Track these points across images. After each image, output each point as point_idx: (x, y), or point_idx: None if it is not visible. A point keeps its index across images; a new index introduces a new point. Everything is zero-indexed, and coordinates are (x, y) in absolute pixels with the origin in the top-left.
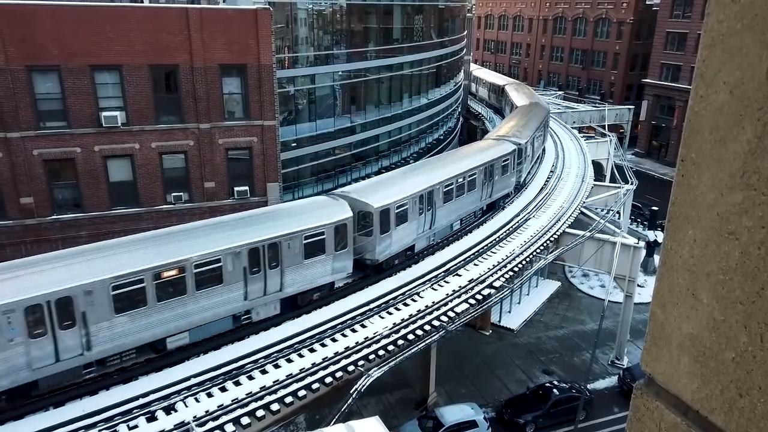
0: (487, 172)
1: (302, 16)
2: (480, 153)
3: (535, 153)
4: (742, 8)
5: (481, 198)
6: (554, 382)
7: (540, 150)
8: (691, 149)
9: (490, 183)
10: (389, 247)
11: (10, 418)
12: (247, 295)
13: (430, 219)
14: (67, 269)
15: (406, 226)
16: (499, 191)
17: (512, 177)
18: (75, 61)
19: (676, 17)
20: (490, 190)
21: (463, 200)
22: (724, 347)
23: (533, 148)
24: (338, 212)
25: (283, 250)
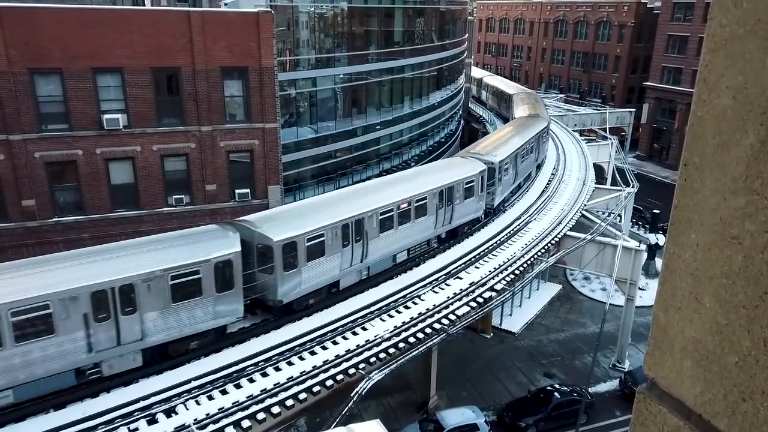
0: (443, 196)
1: (303, 19)
2: (438, 173)
3: (518, 173)
4: (744, 13)
5: (435, 225)
6: (555, 386)
7: (530, 168)
8: (694, 153)
9: (449, 208)
10: (298, 286)
11: (12, 420)
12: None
13: (361, 251)
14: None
15: (323, 261)
16: (461, 217)
17: (480, 201)
18: (77, 63)
19: (677, 20)
20: (449, 216)
21: (408, 229)
22: (727, 351)
23: (514, 167)
24: (221, 246)
25: (140, 293)
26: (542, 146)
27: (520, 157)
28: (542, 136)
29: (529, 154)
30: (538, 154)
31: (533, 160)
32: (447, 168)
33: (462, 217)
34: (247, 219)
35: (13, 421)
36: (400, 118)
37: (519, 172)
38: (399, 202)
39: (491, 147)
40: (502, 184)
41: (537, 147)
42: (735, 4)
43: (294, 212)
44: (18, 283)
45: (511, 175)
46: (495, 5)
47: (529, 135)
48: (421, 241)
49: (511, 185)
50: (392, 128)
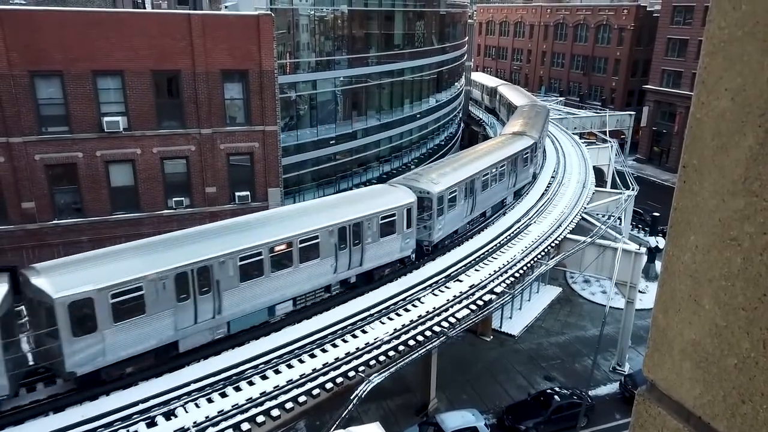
0: (346, 234)
1: (304, 22)
2: (354, 203)
3: (478, 202)
4: (743, 15)
5: (335, 269)
6: (555, 389)
7: (501, 195)
8: (693, 155)
9: (357, 248)
10: (101, 355)
11: (11, 422)
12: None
13: (212, 305)
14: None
15: (144, 320)
16: (376, 259)
17: (406, 239)
18: (78, 66)
19: (676, 24)
20: (359, 257)
21: (289, 276)
22: (727, 353)
23: (469, 195)
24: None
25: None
26: (522, 169)
27: (482, 183)
28: (522, 157)
29: (498, 179)
30: (516, 178)
31: (506, 186)
32: (368, 197)
33: (378, 259)
34: (34, 267)
35: (13, 423)
36: (400, 120)
37: (479, 201)
38: (272, 243)
39: (438, 171)
40: (445, 218)
41: (513, 171)
42: (734, 6)
43: (100, 258)
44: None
45: (463, 207)
46: (495, 8)
47: (500, 157)
48: (313, 289)
49: (463, 218)
50: (392, 131)
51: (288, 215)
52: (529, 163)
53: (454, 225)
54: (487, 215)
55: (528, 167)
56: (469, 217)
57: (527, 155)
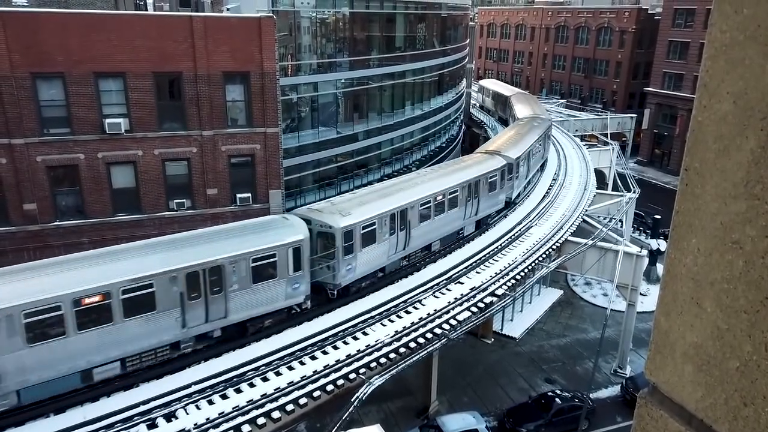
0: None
1: (305, 24)
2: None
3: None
4: (745, 19)
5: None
6: (556, 391)
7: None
8: (695, 158)
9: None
10: None
11: (11, 424)
12: None
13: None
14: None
15: None
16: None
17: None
18: (79, 68)
19: (678, 26)
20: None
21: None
22: (729, 356)
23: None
24: None
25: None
26: (488, 195)
27: (422, 213)
28: (488, 181)
29: (449, 208)
30: (477, 206)
31: (462, 216)
32: (244, 232)
33: (251, 308)
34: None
35: (14, 425)
36: (402, 123)
37: (416, 235)
38: (81, 294)
39: (359, 200)
40: (358, 256)
41: (472, 197)
42: (735, 10)
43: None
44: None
45: (388, 242)
46: (496, 11)
47: (452, 182)
48: (151, 347)
49: (389, 255)
50: (393, 133)
51: (113, 255)
52: (498, 188)
53: (376, 263)
54: (433, 249)
55: (497, 192)
56: (401, 253)
57: (495, 178)
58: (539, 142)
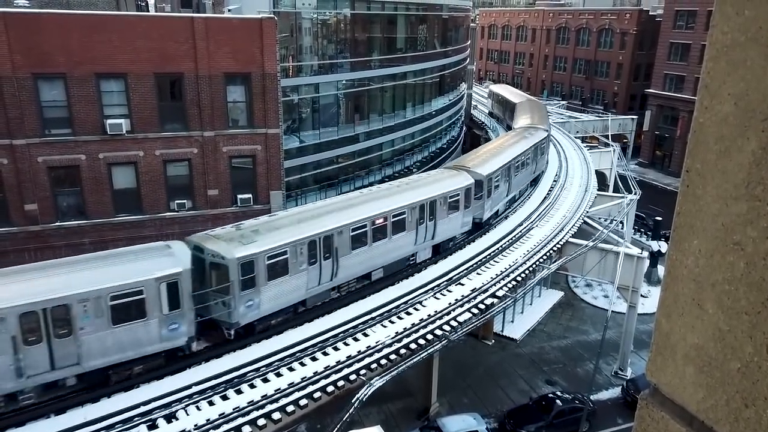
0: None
1: (306, 26)
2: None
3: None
4: (746, 21)
5: None
6: (557, 393)
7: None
8: (696, 160)
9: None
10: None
11: (11, 425)
12: None
13: None
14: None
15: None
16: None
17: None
18: (81, 68)
19: (679, 28)
20: None
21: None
22: (730, 357)
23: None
24: None
25: None
26: (420, 225)
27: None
28: (457, 195)
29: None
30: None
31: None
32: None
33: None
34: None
35: (14, 425)
36: (403, 124)
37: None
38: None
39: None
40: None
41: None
42: (737, 11)
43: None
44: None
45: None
46: (497, 12)
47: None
48: None
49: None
50: (394, 134)
51: None
52: (462, 209)
53: (291, 297)
54: (375, 278)
55: (462, 214)
56: (328, 285)
57: (457, 198)
58: (527, 155)
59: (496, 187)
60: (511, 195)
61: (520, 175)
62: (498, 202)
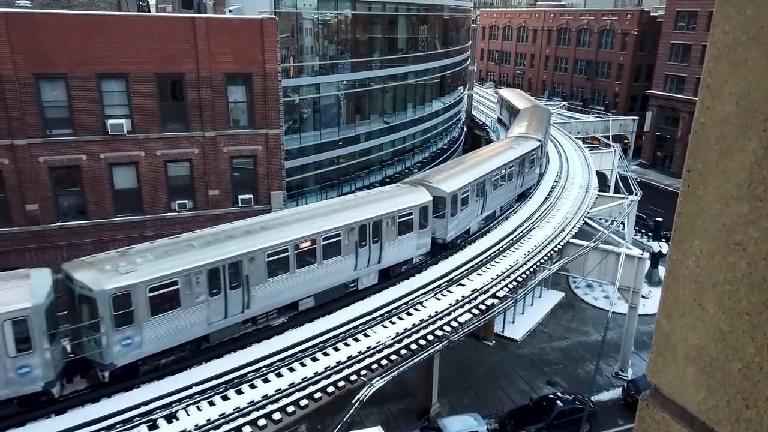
0: None
1: (308, 26)
2: None
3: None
4: (747, 20)
5: None
6: (558, 394)
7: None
8: (697, 160)
9: None
10: None
11: (12, 425)
12: None
13: None
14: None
15: None
16: None
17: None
18: (82, 69)
19: (680, 29)
20: None
21: None
22: (731, 358)
23: None
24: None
25: None
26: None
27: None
28: (410, 215)
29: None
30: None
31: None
32: None
33: None
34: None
35: (15, 425)
36: (403, 124)
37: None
38: None
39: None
40: None
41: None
42: (738, 11)
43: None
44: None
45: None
46: (498, 13)
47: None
48: None
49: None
50: (395, 135)
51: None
52: (417, 229)
53: (186, 334)
54: (303, 307)
55: (417, 235)
56: (239, 317)
57: (410, 218)
58: (510, 168)
59: (464, 204)
60: (486, 213)
61: (500, 190)
62: (467, 221)
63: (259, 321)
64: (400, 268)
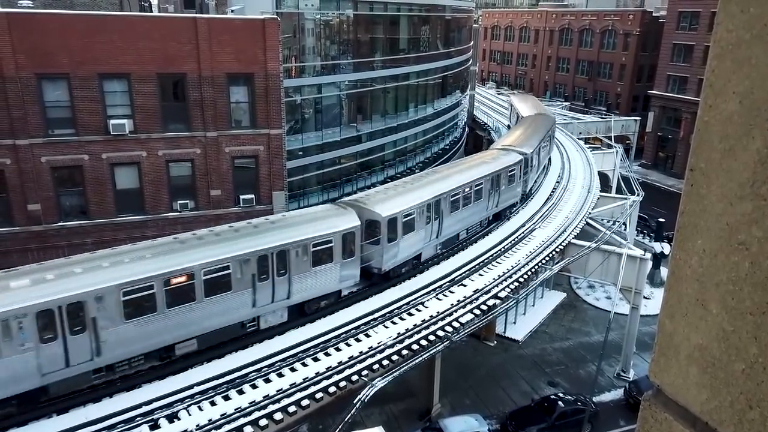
0: None
1: (309, 26)
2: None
3: None
4: (751, 18)
5: None
6: (559, 394)
7: None
8: (701, 159)
9: None
10: None
11: (14, 424)
12: None
13: None
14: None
15: None
16: None
17: None
18: (84, 69)
19: (682, 29)
20: None
21: None
22: (734, 358)
23: None
24: None
25: None
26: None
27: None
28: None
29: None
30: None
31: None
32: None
33: None
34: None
35: (16, 425)
36: (405, 125)
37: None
38: None
39: None
40: None
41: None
42: (741, 9)
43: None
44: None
45: None
46: (500, 13)
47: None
48: None
49: None
50: (397, 135)
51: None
52: (335, 260)
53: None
54: (181, 352)
55: (329, 268)
56: (82, 367)
57: (334, 246)
58: (477, 186)
59: (408, 228)
60: (444, 237)
61: (463, 211)
62: (414, 248)
63: (119, 369)
64: (318, 303)
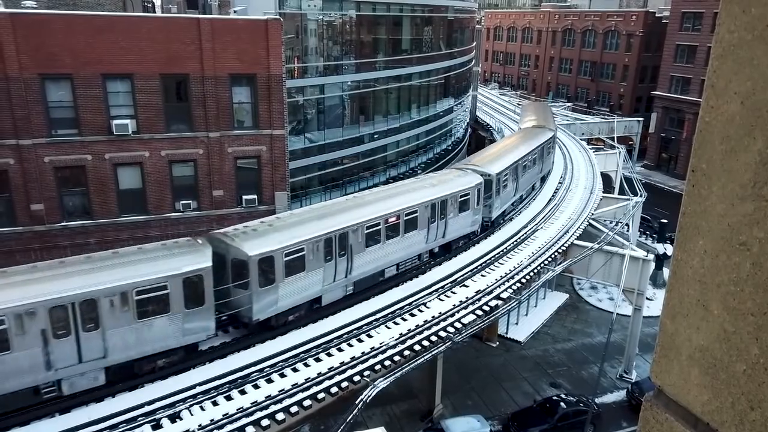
0: None
1: (312, 27)
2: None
3: None
4: (752, 19)
5: None
6: (562, 395)
7: None
8: (702, 159)
9: None
10: None
11: (15, 424)
12: None
13: None
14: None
15: None
16: None
17: None
18: (87, 69)
19: (685, 30)
20: None
21: None
22: (735, 359)
23: None
24: None
25: None
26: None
27: None
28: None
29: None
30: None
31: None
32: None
33: None
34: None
35: (17, 425)
36: (408, 125)
37: None
38: None
39: None
40: None
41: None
42: (743, 9)
43: None
44: None
45: None
46: (503, 14)
47: None
48: None
49: None
50: (399, 135)
51: None
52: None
53: None
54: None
55: (145, 327)
56: None
57: (171, 295)
58: (412, 213)
59: (295, 269)
60: (356, 277)
61: (387, 246)
62: (305, 292)
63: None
64: (154, 362)
